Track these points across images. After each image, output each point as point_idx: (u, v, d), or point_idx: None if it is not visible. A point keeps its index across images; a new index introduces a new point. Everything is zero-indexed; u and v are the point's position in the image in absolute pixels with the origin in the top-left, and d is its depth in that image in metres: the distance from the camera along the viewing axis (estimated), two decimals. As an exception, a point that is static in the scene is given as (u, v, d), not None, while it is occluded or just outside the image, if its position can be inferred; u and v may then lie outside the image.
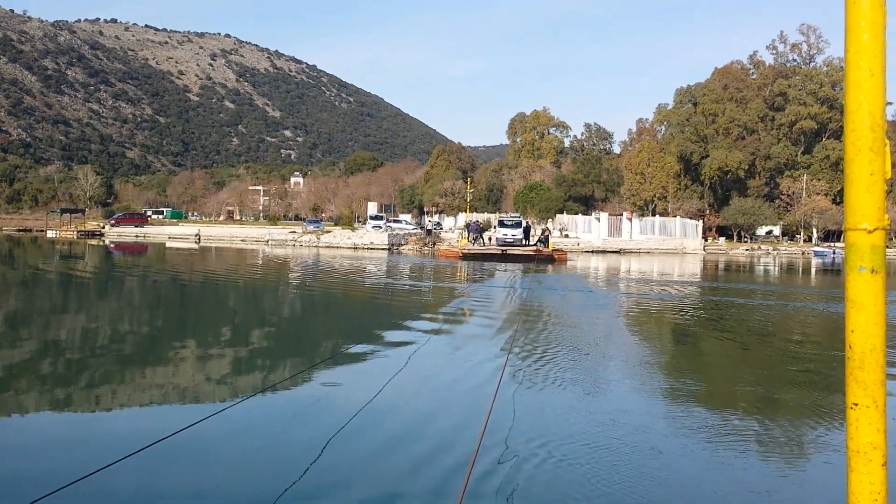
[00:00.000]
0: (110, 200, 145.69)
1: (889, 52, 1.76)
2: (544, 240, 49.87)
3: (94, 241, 71.54)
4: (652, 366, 12.11)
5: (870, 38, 1.73)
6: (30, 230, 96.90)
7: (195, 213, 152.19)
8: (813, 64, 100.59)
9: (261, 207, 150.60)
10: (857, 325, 1.78)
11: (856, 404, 1.79)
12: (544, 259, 45.00)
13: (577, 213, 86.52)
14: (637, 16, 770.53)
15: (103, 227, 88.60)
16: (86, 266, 39.58)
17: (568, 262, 45.56)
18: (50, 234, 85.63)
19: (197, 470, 6.53)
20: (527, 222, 60.84)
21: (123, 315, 18.70)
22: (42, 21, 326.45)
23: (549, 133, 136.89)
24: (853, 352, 1.79)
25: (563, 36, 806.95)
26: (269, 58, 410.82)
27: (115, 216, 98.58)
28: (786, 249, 79.35)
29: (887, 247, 1.84)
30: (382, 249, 60.60)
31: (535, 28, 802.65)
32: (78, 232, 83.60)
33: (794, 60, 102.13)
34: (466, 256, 46.80)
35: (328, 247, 63.59)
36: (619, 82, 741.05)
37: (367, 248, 61.48)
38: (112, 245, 64.84)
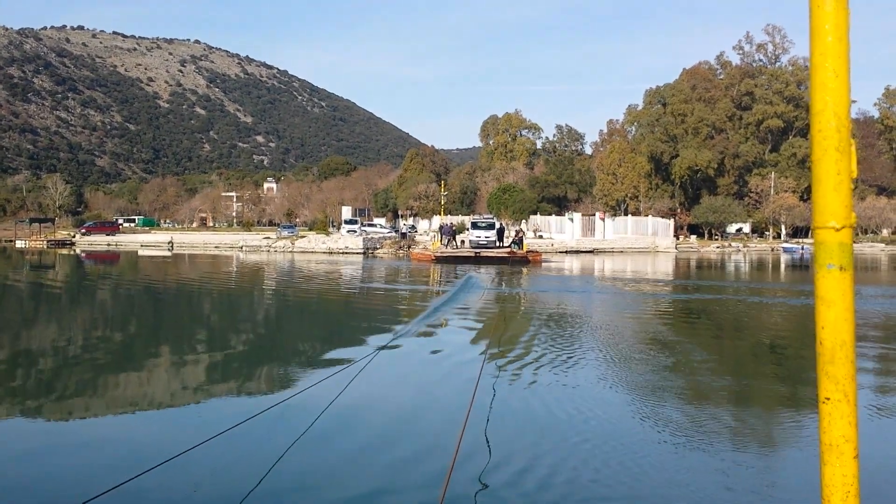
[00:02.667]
0: (80, 209, 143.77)
1: (852, 52, 1.83)
2: (518, 241, 49.33)
3: (64, 251, 70.60)
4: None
5: (834, 39, 1.78)
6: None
7: (167, 221, 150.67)
8: (778, 63, 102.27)
9: (234, 214, 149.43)
10: (826, 321, 1.84)
11: (827, 399, 1.85)
12: (518, 261, 44.86)
13: (550, 214, 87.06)
14: (605, 18, 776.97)
15: (74, 237, 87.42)
16: (51, 276, 39.15)
17: (543, 263, 45.72)
18: (19, 244, 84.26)
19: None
20: (501, 224, 60.77)
21: (79, 331, 18.62)
22: (7, 29, 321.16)
23: (521, 135, 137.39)
24: (824, 347, 1.85)
25: (533, 38, 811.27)
26: (239, 63, 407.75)
27: (85, 225, 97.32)
28: (756, 246, 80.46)
29: (855, 242, 2.02)
30: (357, 253, 60.54)
31: (506, 31, 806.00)
32: (48, 241, 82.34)
33: (760, 60, 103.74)
34: (440, 259, 46.55)
35: (303, 252, 63.38)
36: (590, 84, 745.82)
37: (343, 253, 61.37)
38: (83, 254, 64.07)
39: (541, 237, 73.84)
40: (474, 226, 54.34)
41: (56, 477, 6.77)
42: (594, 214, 79.38)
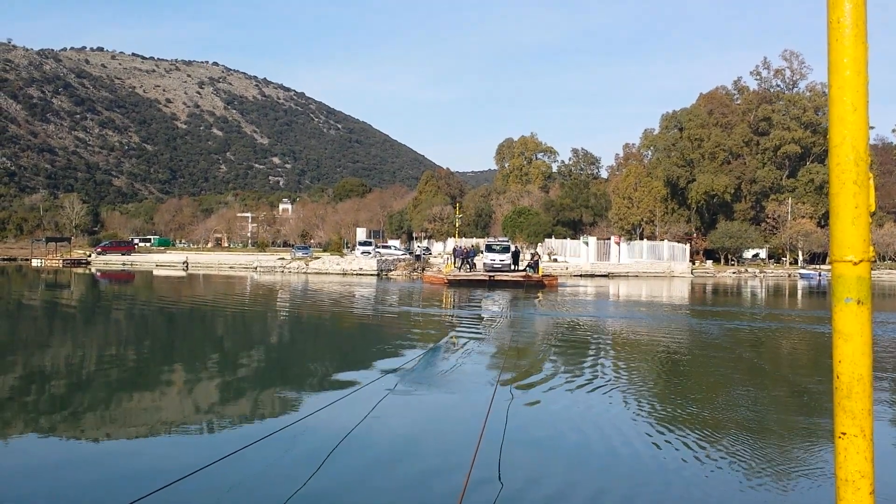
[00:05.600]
0: (97, 228, 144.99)
1: (871, 76, 1.77)
2: (534, 265, 48.46)
3: (79, 270, 70.86)
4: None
5: (852, 74, 1.75)
6: (14, 259, 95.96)
7: (183, 241, 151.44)
8: (796, 89, 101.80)
9: (249, 234, 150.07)
10: (844, 355, 1.80)
11: (844, 433, 1.80)
12: (534, 285, 44.00)
13: (565, 238, 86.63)
14: (621, 42, 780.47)
15: (89, 256, 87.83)
16: (62, 297, 39.13)
17: (559, 288, 44.98)
18: (35, 262, 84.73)
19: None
20: (516, 247, 60.17)
21: (85, 352, 18.44)
22: (27, 50, 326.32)
23: (536, 158, 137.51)
24: (840, 382, 1.80)
25: (549, 62, 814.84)
26: (257, 85, 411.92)
27: (101, 244, 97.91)
28: (772, 272, 79.66)
29: (872, 269, 1.86)
30: (371, 275, 60.32)
31: (522, 54, 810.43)
32: (63, 260, 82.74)
33: (778, 86, 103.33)
34: (452, 283, 45.82)
35: (317, 273, 63.25)
36: (606, 108, 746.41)
37: (357, 274, 61.17)
38: (98, 274, 64.22)
39: (555, 260, 73.45)
40: (489, 249, 53.45)
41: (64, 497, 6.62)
42: (609, 238, 78.94)
